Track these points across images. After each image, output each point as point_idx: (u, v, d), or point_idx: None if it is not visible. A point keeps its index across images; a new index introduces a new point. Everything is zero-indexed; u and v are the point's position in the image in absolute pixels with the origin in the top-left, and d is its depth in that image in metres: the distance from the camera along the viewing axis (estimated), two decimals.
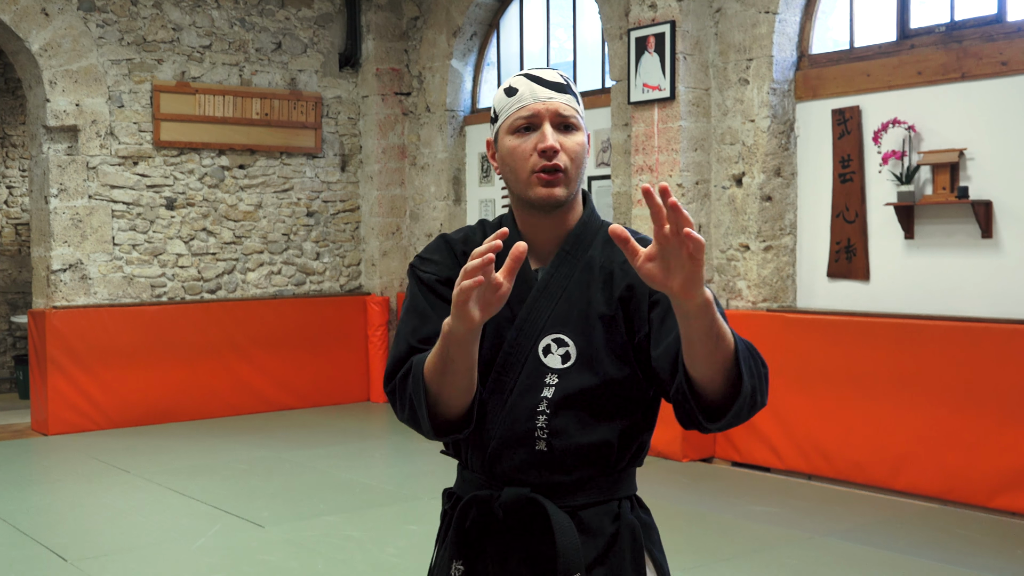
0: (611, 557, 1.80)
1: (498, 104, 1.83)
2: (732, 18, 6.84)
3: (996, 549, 4.99)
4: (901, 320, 5.96)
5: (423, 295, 1.85)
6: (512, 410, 1.79)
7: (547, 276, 1.82)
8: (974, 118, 5.83)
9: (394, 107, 9.63)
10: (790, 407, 6.44)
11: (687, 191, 6.91)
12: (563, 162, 1.77)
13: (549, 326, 1.80)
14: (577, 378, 1.78)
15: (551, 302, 1.81)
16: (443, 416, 1.75)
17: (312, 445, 7.62)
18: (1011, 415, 5.43)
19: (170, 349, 8.50)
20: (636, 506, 1.88)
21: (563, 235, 1.85)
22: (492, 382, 1.80)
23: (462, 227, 1.95)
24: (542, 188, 1.77)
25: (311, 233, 9.44)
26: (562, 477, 1.79)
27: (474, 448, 1.83)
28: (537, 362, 1.79)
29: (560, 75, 1.83)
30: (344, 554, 5.01)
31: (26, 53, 8.04)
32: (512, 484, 1.80)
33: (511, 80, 1.84)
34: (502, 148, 1.82)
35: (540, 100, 1.78)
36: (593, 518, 1.80)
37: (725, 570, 4.75)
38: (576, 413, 1.78)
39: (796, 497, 6.00)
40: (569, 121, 1.79)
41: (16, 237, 10.86)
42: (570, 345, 1.79)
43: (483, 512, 1.81)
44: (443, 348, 1.65)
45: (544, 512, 1.77)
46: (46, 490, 6.52)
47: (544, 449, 1.78)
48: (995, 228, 5.76)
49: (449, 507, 1.90)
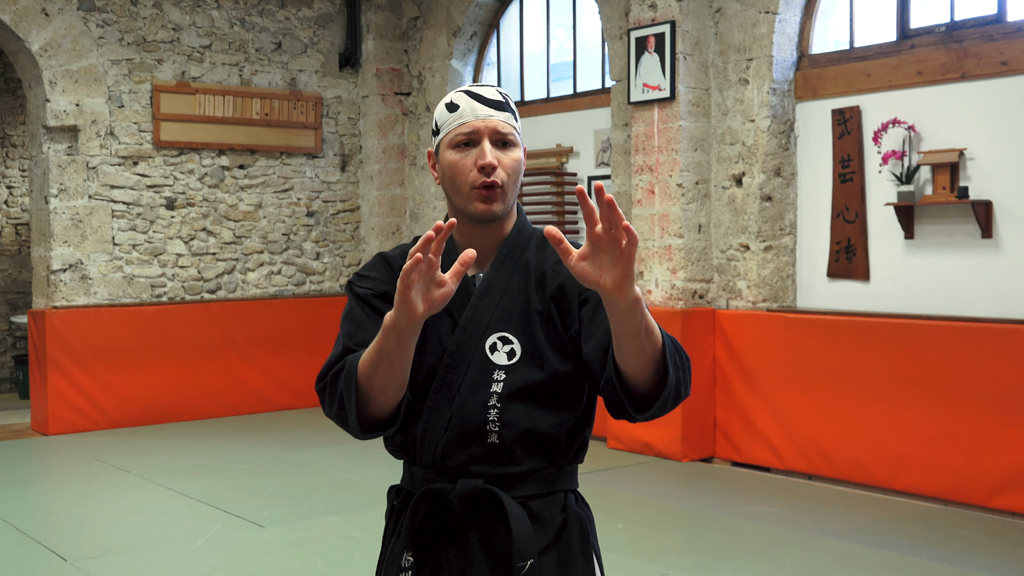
0: (560, 544, 1.91)
1: (440, 118, 1.92)
2: (732, 18, 6.84)
3: (996, 549, 4.99)
4: (901, 320, 5.96)
5: (360, 308, 1.94)
6: (463, 406, 1.86)
7: (488, 279, 1.92)
8: (974, 118, 5.83)
9: (394, 107, 9.63)
10: (790, 407, 6.44)
11: (687, 191, 6.91)
12: (500, 178, 1.86)
13: (493, 325, 1.89)
14: (524, 372, 1.87)
15: (493, 303, 1.90)
16: (371, 413, 1.82)
17: (312, 445, 7.62)
18: (1011, 415, 5.43)
19: (170, 349, 8.50)
20: (579, 500, 1.99)
21: (498, 243, 1.95)
22: (438, 382, 1.87)
23: (399, 244, 2.07)
24: (481, 204, 1.87)
25: (311, 233, 9.44)
26: (512, 468, 1.88)
27: (423, 445, 1.89)
28: (484, 359, 1.87)
29: (499, 92, 1.92)
30: (344, 554, 5.01)
31: (26, 53, 8.04)
32: (464, 476, 1.87)
33: (452, 96, 1.92)
34: (443, 161, 1.91)
35: (480, 117, 1.87)
36: (542, 508, 1.90)
37: (725, 570, 4.75)
38: (525, 405, 1.86)
39: (796, 497, 6.00)
40: (507, 138, 1.89)
41: (16, 237, 10.86)
42: (514, 343, 1.88)
43: (436, 505, 1.89)
44: (381, 341, 1.71)
45: (496, 503, 1.86)
46: (46, 490, 6.52)
47: (496, 441, 1.86)
48: (995, 228, 5.76)
49: (398, 503, 1.97)
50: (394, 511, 1.99)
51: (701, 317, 6.86)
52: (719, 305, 7.02)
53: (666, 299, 6.96)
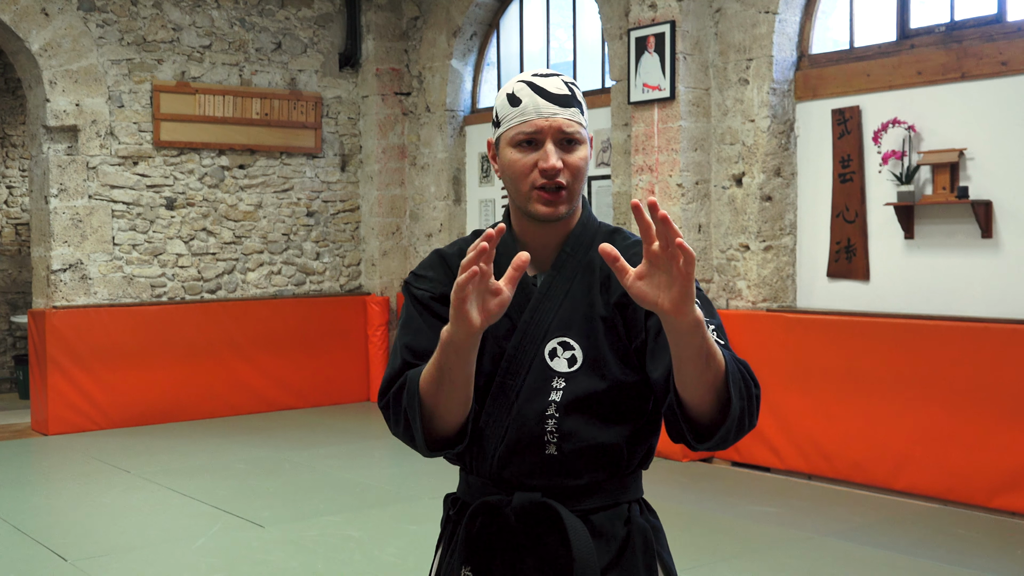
0: (623, 561, 1.79)
1: (500, 110, 1.80)
2: (732, 18, 6.84)
3: (996, 549, 4.99)
4: (901, 320, 5.96)
5: (417, 312, 1.83)
6: (520, 414, 1.76)
7: (548, 279, 1.81)
8: (974, 118, 5.83)
9: (394, 107, 9.63)
10: (790, 407, 6.44)
11: (687, 191, 6.91)
12: (565, 180, 1.75)
13: (554, 329, 1.78)
14: (585, 381, 1.76)
15: (554, 305, 1.79)
16: (438, 431, 1.72)
17: (312, 445, 7.62)
18: (1011, 415, 5.43)
19: (170, 349, 8.50)
20: (645, 509, 1.88)
21: (560, 240, 1.83)
22: (496, 387, 1.77)
23: (456, 240, 1.93)
24: (543, 206, 1.75)
25: (311, 233, 9.44)
26: (572, 481, 1.77)
27: (479, 453, 1.80)
28: (543, 366, 1.77)
29: (565, 84, 1.79)
30: (344, 554, 5.01)
31: (26, 53, 8.04)
32: (521, 489, 1.78)
33: (515, 86, 1.79)
34: (503, 157, 1.79)
35: (543, 116, 1.75)
36: (604, 522, 1.79)
37: (725, 570, 4.75)
38: (585, 416, 1.76)
39: (796, 497, 6.00)
40: (572, 137, 1.76)
41: (16, 237, 10.86)
42: (576, 348, 1.77)
43: (493, 518, 1.79)
44: (440, 357, 1.62)
45: (555, 517, 1.75)
46: (46, 490, 6.52)
47: (554, 453, 1.76)
48: (995, 228, 5.76)
49: (454, 513, 1.87)
50: (449, 521, 1.89)
51: None
52: (719, 305, 7.02)
53: None
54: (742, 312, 6.79)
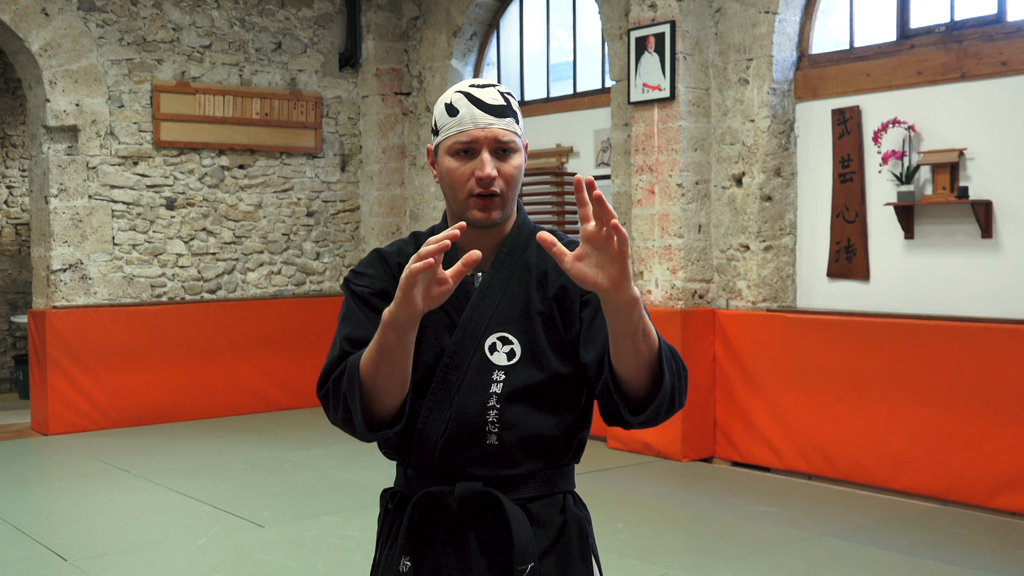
0: (560, 547, 1.89)
1: (439, 119, 1.88)
2: (732, 18, 6.84)
3: (996, 549, 4.99)
4: (901, 320, 5.96)
5: (356, 306, 1.92)
6: (461, 406, 1.84)
7: (488, 278, 1.90)
8: (974, 118, 5.83)
9: (394, 107, 9.63)
10: (790, 407, 6.44)
11: (687, 191, 6.91)
12: (499, 187, 1.84)
13: (493, 325, 1.87)
14: (524, 373, 1.85)
15: (493, 303, 1.88)
16: (376, 413, 1.79)
17: (312, 445, 7.62)
18: (1011, 415, 5.43)
19: (170, 349, 8.50)
20: (577, 500, 1.97)
21: (498, 242, 1.92)
22: (436, 382, 1.86)
23: (395, 240, 2.04)
24: (479, 212, 1.85)
25: (311, 233, 9.44)
26: (511, 470, 1.86)
27: (420, 446, 1.87)
28: (484, 360, 1.86)
29: (501, 94, 1.87)
30: (344, 554, 5.01)
31: (26, 53, 8.04)
32: (462, 479, 1.86)
33: (453, 96, 1.87)
34: (441, 165, 1.88)
35: (479, 126, 1.83)
36: (542, 510, 1.88)
37: (725, 570, 4.75)
38: (524, 407, 1.85)
39: (796, 497, 6.00)
40: (507, 146, 1.85)
41: (16, 237, 10.86)
42: (514, 343, 1.87)
43: (434, 508, 1.87)
44: (381, 337, 1.70)
45: (495, 505, 1.85)
46: (46, 490, 6.52)
47: (495, 443, 1.85)
48: (995, 228, 5.76)
49: (393, 506, 1.95)
50: (388, 514, 1.96)
51: (701, 317, 6.86)
52: (719, 305, 7.02)
53: (666, 299, 6.96)
54: (742, 312, 6.79)
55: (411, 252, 1.94)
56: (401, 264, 1.92)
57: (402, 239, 2.01)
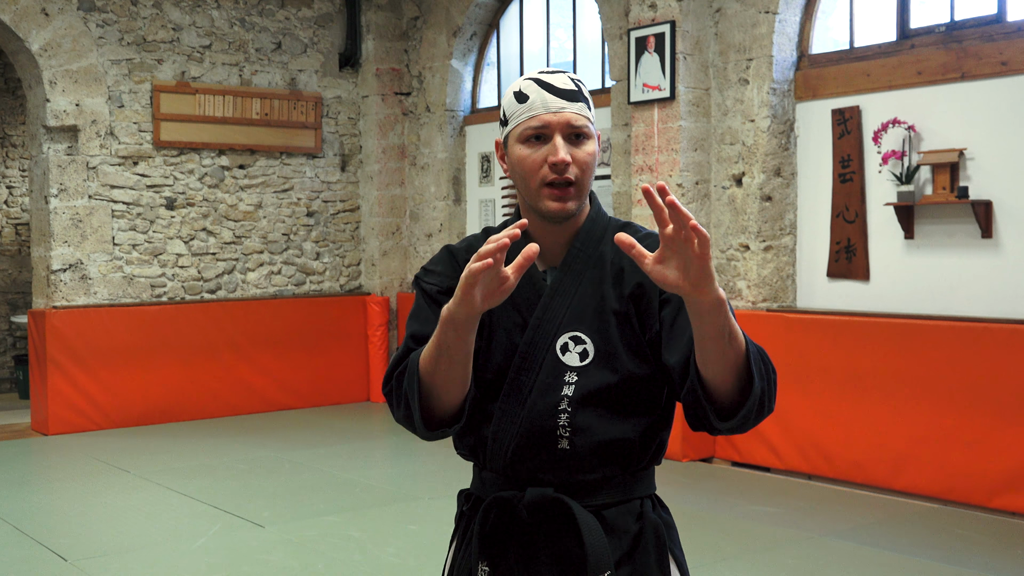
0: (636, 556, 1.80)
1: (508, 108, 1.81)
2: (732, 18, 6.84)
3: (996, 549, 4.99)
4: (901, 320, 5.96)
5: (426, 304, 1.86)
6: (532, 409, 1.77)
7: (559, 275, 1.81)
8: (974, 118, 5.83)
9: (394, 107, 9.63)
10: (790, 407, 6.44)
11: (687, 191, 6.91)
12: (574, 174, 1.76)
13: (565, 324, 1.79)
14: (597, 375, 1.77)
15: (566, 300, 1.80)
16: (435, 411, 1.74)
17: (312, 445, 7.62)
18: (1011, 415, 5.43)
19: (170, 349, 8.50)
20: (657, 505, 1.88)
21: (570, 236, 1.84)
22: (508, 383, 1.78)
23: (466, 236, 1.95)
24: (553, 203, 1.77)
25: (311, 233, 9.44)
26: (584, 476, 1.78)
27: (493, 449, 1.80)
28: (555, 361, 1.78)
29: (572, 80, 1.80)
30: (344, 554, 5.01)
31: (26, 53, 8.04)
32: (534, 484, 1.78)
33: (522, 84, 1.81)
34: (512, 155, 1.80)
35: (551, 110, 1.76)
36: (617, 517, 1.80)
37: (725, 570, 4.75)
38: (597, 410, 1.77)
39: (796, 497, 6.00)
40: (581, 131, 1.77)
41: (16, 237, 10.86)
42: (587, 342, 1.78)
43: (506, 513, 1.80)
44: (440, 335, 1.65)
45: (568, 512, 1.76)
46: (46, 490, 6.51)
47: (567, 447, 1.77)
48: (995, 228, 5.76)
49: (468, 508, 1.88)
50: (463, 516, 1.90)
51: None
52: None
53: None
54: (742, 312, 6.79)
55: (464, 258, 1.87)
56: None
57: (473, 235, 1.94)
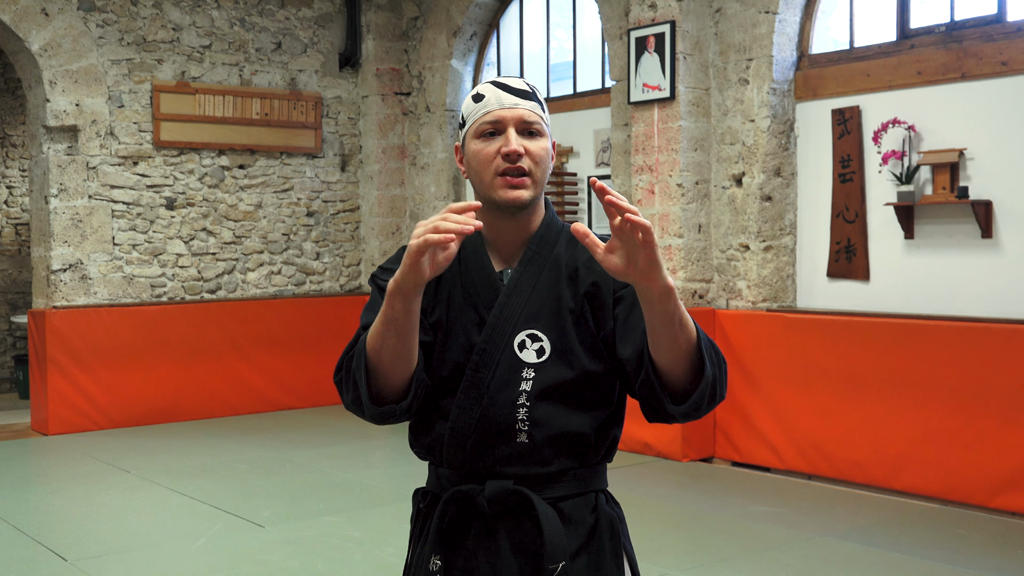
0: (591, 546, 1.88)
1: (466, 110, 1.89)
2: (732, 18, 6.84)
3: (996, 549, 4.99)
4: (901, 320, 5.96)
5: (381, 298, 1.89)
6: (491, 405, 1.83)
7: (516, 275, 1.88)
8: (974, 118, 5.83)
9: (394, 107, 9.63)
10: (790, 407, 6.44)
11: (687, 191, 6.91)
12: (527, 165, 1.83)
13: (522, 323, 1.85)
14: (554, 371, 1.83)
15: (522, 299, 1.86)
16: (383, 389, 1.79)
17: (312, 445, 7.62)
18: (1011, 415, 5.43)
19: (170, 349, 8.50)
20: (610, 499, 1.96)
21: (526, 238, 1.91)
22: (466, 380, 1.84)
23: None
24: (508, 191, 1.83)
25: (311, 233, 9.44)
26: (542, 469, 1.85)
27: (451, 444, 1.86)
28: (513, 357, 1.84)
29: (526, 83, 1.89)
30: (344, 554, 5.01)
31: (26, 53, 8.04)
32: (493, 477, 1.84)
33: (479, 87, 1.89)
34: (468, 152, 1.88)
35: (505, 106, 1.84)
36: (573, 509, 1.87)
37: (725, 570, 4.75)
38: (555, 405, 1.83)
39: (796, 497, 6.00)
40: (533, 127, 1.85)
41: (16, 237, 10.86)
42: (544, 340, 1.85)
43: (465, 506, 1.86)
44: (387, 308, 1.70)
45: (526, 504, 1.83)
46: (46, 490, 6.52)
47: (525, 441, 1.83)
48: (995, 228, 5.76)
49: (425, 505, 1.94)
50: (420, 514, 1.95)
51: (701, 317, 6.86)
52: (719, 305, 7.02)
53: None
54: (742, 312, 6.79)
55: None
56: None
57: None
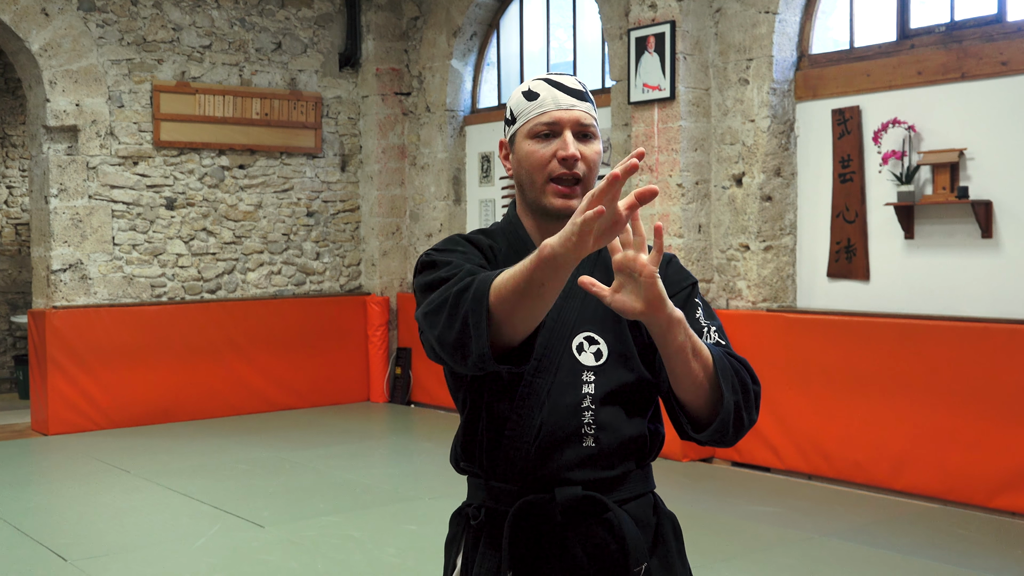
0: (659, 547, 1.86)
1: (516, 107, 1.83)
2: (732, 18, 6.84)
3: (996, 549, 4.99)
4: (901, 320, 5.96)
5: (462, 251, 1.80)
6: (554, 410, 1.78)
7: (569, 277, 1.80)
8: (974, 118, 5.83)
9: (394, 107, 9.63)
10: (790, 407, 6.44)
11: (687, 191, 6.91)
12: (582, 171, 1.78)
13: (579, 325, 1.81)
14: (614, 374, 1.80)
15: (577, 302, 1.82)
16: (503, 341, 1.62)
17: (312, 445, 7.62)
18: (1011, 415, 5.43)
19: (170, 349, 8.50)
20: (661, 500, 1.94)
21: None
22: (524, 386, 1.78)
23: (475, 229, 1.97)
24: (559, 199, 1.78)
25: (311, 233, 9.44)
26: (608, 472, 1.81)
27: (511, 452, 1.79)
28: (573, 361, 1.79)
29: (580, 82, 1.84)
30: (344, 554, 5.01)
31: (26, 53, 8.04)
32: (559, 484, 1.78)
33: (532, 83, 1.84)
34: (519, 151, 1.82)
35: (562, 107, 1.79)
36: (638, 510, 1.84)
37: (725, 570, 4.75)
38: (617, 408, 1.80)
39: (796, 497, 6.00)
40: (588, 130, 1.80)
41: (16, 237, 10.86)
42: (601, 343, 1.81)
43: (536, 517, 1.79)
44: (534, 271, 1.52)
45: (596, 510, 1.78)
46: (46, 490, 6.52)
47: (592, 445, 1.78)
48: (995, 228, 5.76)
49: (478, 522, 1.84)
50: (469, 532, 1.85)
51: None
52: (719, 305, 7.02)
53: None
54: (742, 312, 6.79)
55: (486, 242, 1.84)
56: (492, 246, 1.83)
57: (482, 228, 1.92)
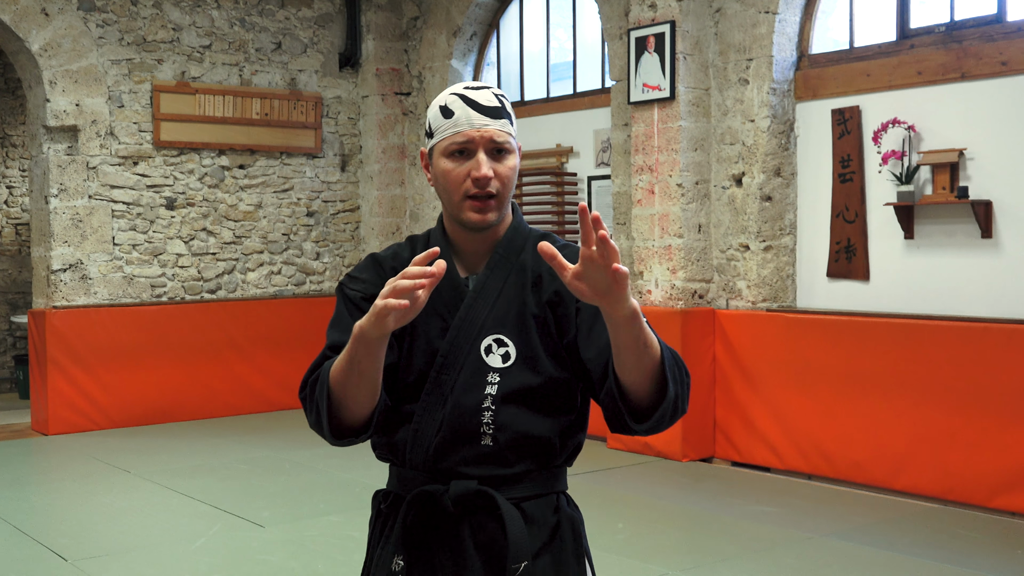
0: (554, 546, 1.90)
1: (433, 121, 1.89)
2: (732, 18, 6.84)
3: (996, 549, 4.99)
4: (901, 320, 5.96)
5: (348, 311, 1.92)
6: (456, 407, 1.85)
7: (482, 279, 1.90)
8: (974, 118, 5.83)
9: (394, 107, 9.63)
10: (790, 407, 6.44)
11: (687, 191, 6.91)
12: (495, 188, 1.85)
13: (488, 327, 1.88)
14: (519, 376, 1.86)
15: (488, 304, 1.89)
16: (344, 420, 1.81)
17: (312, 445, 7.62)
18: (1011, 415, 5.43)
19: (170, 349, 8.50)
20: (570, 501, 1.98)
21: (492, 244, 1.92)
22: (430, 383, 1.86)
23: (391, 244, 2.04)
24: (474, 214, 1.85)
25: (311, 233, 9.44)
26: (505, 470, 1.87)
27: (415, 446, 1.88)
28: (479, 362, 1.86)
29: (495, 96, 1.88)
30: (344, 554, 5.01)
31: (26, 53, 8.04)
32: (457, 478, 1.86)
33: (447, 98, 1.88)
34: (436, 167, 1.88)
35: (475, 127, 1.84)
36: (536, 509, 1.89)
37: (725, 570, 4.75)
38: (519, 409, 1.85)
39: (796, 497, 6.00)
40: (503, 146, 1.86)
41: (16, 237, 10.86)
42: (509, 345, 1.87)
43: (429, 507, 1.88)
44: (351, 350, 1.71)
45: (490, 505, 1.85)
46: (46, 490, 6.52)
47: (489, 444, 1.85)
48: (995, 228, 5.76)
49: (387, 506, 1.96)
50: (380, 515, 1.98)
51: (701, 317, 6.86)
52: (719, 305, 7.02)
53: (666, 299, 6.96)
54: (742, 312, 6.79)
55: (406, 256, 1.96)
56: (395, 268, 1.92)
57: (398, 243, 2.03)
